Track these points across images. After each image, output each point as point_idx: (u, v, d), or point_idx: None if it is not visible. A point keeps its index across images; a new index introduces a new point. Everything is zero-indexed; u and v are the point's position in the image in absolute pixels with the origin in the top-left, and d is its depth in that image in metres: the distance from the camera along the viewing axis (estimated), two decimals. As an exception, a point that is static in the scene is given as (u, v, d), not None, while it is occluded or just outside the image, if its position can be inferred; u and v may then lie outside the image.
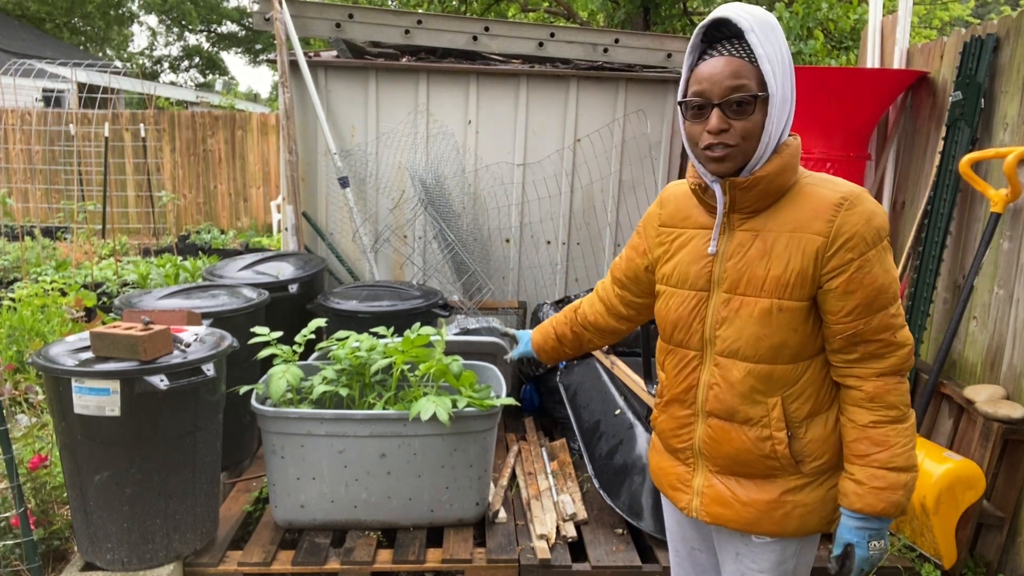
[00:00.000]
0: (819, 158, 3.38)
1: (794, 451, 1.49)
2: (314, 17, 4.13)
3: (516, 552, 2.60)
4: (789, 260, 1.41)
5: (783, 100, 1.38)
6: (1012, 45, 2.81)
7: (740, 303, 1.46)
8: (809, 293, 1.42)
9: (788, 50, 1.41)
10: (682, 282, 1.55)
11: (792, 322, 1.43)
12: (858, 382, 1.44)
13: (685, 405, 1.59)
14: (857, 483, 1.43)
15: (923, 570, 2.59)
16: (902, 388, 1.44)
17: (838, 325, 1.42)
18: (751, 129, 1.37)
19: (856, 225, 1.37)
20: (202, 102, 17.10)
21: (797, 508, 1.51)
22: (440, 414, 2.40)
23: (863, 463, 1.43)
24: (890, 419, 1.42)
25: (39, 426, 3.34)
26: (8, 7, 21.06)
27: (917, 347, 3.09)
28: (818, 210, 1.40)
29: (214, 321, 2.81)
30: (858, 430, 1.44)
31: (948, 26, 10.11)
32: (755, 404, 1.48)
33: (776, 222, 1.44)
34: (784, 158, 1.41)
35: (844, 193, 1.40)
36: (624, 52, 4.28)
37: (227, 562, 2.52)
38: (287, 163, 4.02)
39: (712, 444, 1.55)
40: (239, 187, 10.92)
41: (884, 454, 1.41)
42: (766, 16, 1.39)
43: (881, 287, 1.39)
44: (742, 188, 1.42)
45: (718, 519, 1.57)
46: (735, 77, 1.35)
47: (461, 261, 4.11)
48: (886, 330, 1.41)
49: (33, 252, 6.92)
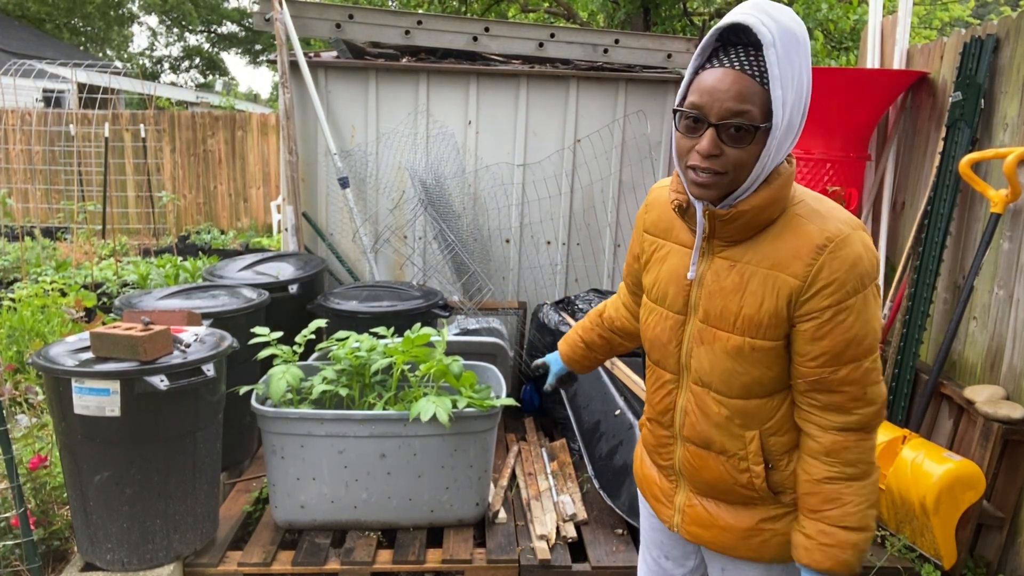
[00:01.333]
0: (819, 158, 3.38)
1: (773, 483, 1.43)
2: (314, 18, 4.13)
3: (516, 552, 2.60)
4: (763, 300, 1.31)
5: (787, 129, 1.24)
6: (1012, 46, 2.81)
7: (714, 336, 1.38)
8: (783, 333, 1.33)
9: (809, 70, 1.26)
10: (661, 300, 1.48)
11: (766, 360, 1.35)
12: (817, 431, 1.35)
13: (664, 426, 1.54)
14: (806, 537, 1.36)
15: (923, 570, 2.59)
16: (864, 445, 1.34)
17: (803, 367, 1.33)
18: (744, 160, 1.24)
19: (836, 272, 1.26)
20: (202, 102, 17.10)
21: (776, 536, 1.46)
22: (440, 415, 2.40)
23: (814, 518, 1.35)
24: (846, 476, 1.33)
25: (39, 426, 3.34)
26: (8, 7, 21.06)
27: (917, 347, 3.09)
28: (799, 250, 1.28)
29: (214, 321, 2.81)
30: (812, 484, 1.36)
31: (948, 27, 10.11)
32: (732, 436, 1.42)
33: (756, 255, 1.33)
34: (772, 190, 1.29)
35: (831, 234, 1.27)
36: (624, 53, 4.28)
37: (227, 562, 2.52)
38: (287, 163, 4.02)
39: (691, 469, 1.50)
40: (239, 187, 10.92)
41: (836, 512, 1.33)
42: (793, 26, 1.22)
43: (854, 338, 1.28)
44: (722, 220, 1.31)
45: (698, 539, 1.53)
46: (739, 100, 1.21)
47: (461, 261, 4.11)
48: (853, 384, 1.30)
49: (33, 252, 6.92)
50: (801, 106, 1.26)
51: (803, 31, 1.25)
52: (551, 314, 3.78)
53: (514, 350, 4.08)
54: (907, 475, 2.60)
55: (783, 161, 1.31)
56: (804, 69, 1.25)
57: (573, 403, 3.37)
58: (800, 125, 1.28)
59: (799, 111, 1.26)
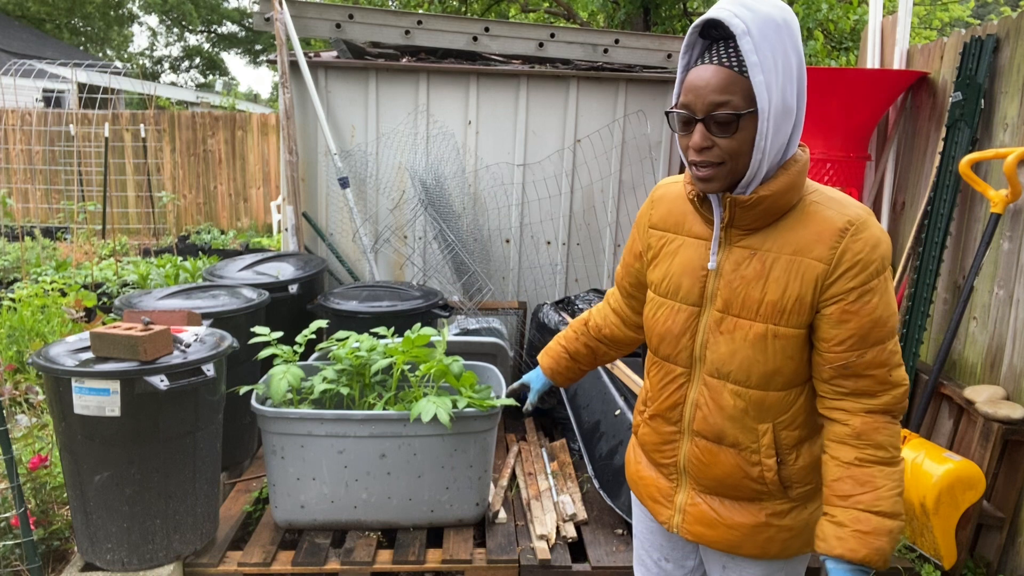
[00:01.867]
0: (819, 158, 3.38)
1: (783, 477, 1.43)
2: (314, 17, 4.14)
3: (516, 552, 2.60)
4: (787, 285, 1.32)
5: (783, 111, 1.26)
6: (1012, 46, 2.81)
7: (735, 324, 1.38)
8: (807, 320, 1.34)
9: (797, 50, 1.28)
10: (673, 293, 1.47)
11: (788, 349, 1.35)
12: (846, 416, 1.34)
13: (670, 422, 1.52)
14: (838, 525, 1.31)
15: (923, 570, 2.59)
16: (892, 429, 1.33)
17: (829, 354, 1.33)
18: (736, 148, 1.27)
19: (860, 253, 1.28)
20: (202, 102, 17.10)
21: (781, 532, 1.46)
22: (441, 415, 2.40)
23: (846, 504, 1.32)
24: (877, 459, 1.31)
25: (39, 426, 3.35)
26: (8, 7, 21.06)
27: (917, 347, 3.09)
28: (822, 234, 1.31)
29: (214, 321, 2.81)
30: (841, 468, 1.33)
31: (948, 27, 10.11)
32: (745, 429, 1.41)
33: (776, 242, 1.34)
34: (791, 175, 1.31)
35: (851, 217, 1.31)
36: (624, 52, 4.28)
37: (227, 562, 2.52)
38: (287, 163, 4.03)
39: (698, 465, 1.48)
40: (239, 187, 10.92)
41: (869, 496, 1.30)
42: (772, 12, 1.25)
43: (879, 319, 1.30)
44: (743, 206, 1.33)
45: (700, 539, 1.51)
46: (719, 92, 1.25)
47: (461, 261, 4.11)
48: (880, 366, 1.32)
49: (33, 252, 6.92)
50: (794, 88, 1.28)
51: (785, 16, 1.27)
52: (551, 314, 3.78)
53: (514, 350, 4.08)
54: (907, 475, 2.61)
55: (796, 148, 1.34)
56: (790, 51, 1.27)
57: (573, 403, 3.38)
58: (798, 106, 1.30)
59: (792, 93, 1.28)
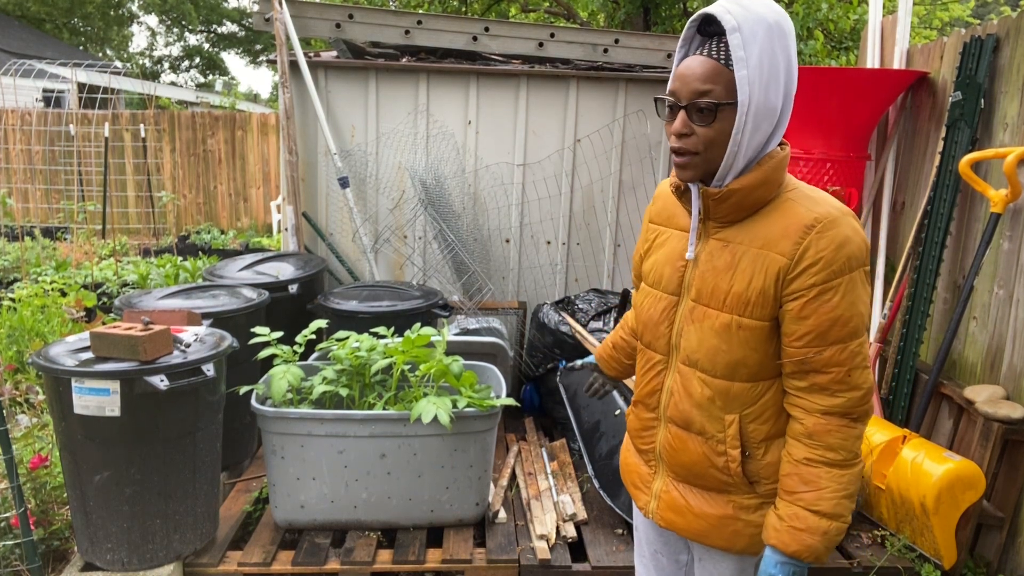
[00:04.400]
0: (819, 158, 3.38)
1: (749, 471, 1.46)
2: (314, 17, 4.13)
3: (516, 552, 2.61)
4: (752, 278, 1.36)
5: (764, 110, 1.29)
6: (1012, 45, 2.81)
7: (704, 313, 1.42)
8: (770, 314, 1.37)
9: (787, 53, 1.31)
10: (656, 282, 1.52)
11: (752, 341, 1.38)
12: (802, 414, 1.38)
13: (649, 408, 1.58)
14: (778, 518, 1.38)
15: (923, 570, 2.59)
16: (848, 432, 1.35)
17: (790, 348, 1.36)
18: (713, 137, 1.31)
19: (824, 250, 1.30)
20: (202, 102, 17.10)
21: (748, 527, 1.48)
22: (441, 416, 2.40)
23: (789, 500, 1.37)
24: (826, 460, 1.34)
25: (39, 426, 3.35)
26: (8, 7, 21.06)
27: (917, 347, 3.09)
28: (788, 229, 1.33)
29: (214, 321, 2.81)
30: (791, 464, 1.38)
31: (948, 26, 10.11)
32: (712, 418, 1.45)
33: (748, 235, 1.38)
34: (764, 171, 1.34)
35: (819, 214, 1.32)
36: (624, 52, 4.28)
37: (227, 562, 2.52)
38: (287, 163, 4.02)
39: (671, 451, 1.53)
40: (239, 187, 10.92)
41: (811, 495, 1.34)
42: (766, 13, 1.28)
43: (839, 318, 1.31)
44: (715, 199, 1.37)
45: (671, 525, 1.56)
46: (703, 81, 1.29)
47: (461, 261, 4.11)
48: (838, 366, 1.33)
49: (33, 252, 6.92)
50: (779, 89, 1.31)
51: (778, 19, 1.30)
52: (551, 314, 3.77)
53: (514, 350, 4.08)
54: (907, 475, 2.61)
55: (776, 146, 1.37)
56: (779, 52, 1.29)
57: (573, 403, 3.37)
58: (783, 108, 1.33)
59: (777, 93, 1.31)
